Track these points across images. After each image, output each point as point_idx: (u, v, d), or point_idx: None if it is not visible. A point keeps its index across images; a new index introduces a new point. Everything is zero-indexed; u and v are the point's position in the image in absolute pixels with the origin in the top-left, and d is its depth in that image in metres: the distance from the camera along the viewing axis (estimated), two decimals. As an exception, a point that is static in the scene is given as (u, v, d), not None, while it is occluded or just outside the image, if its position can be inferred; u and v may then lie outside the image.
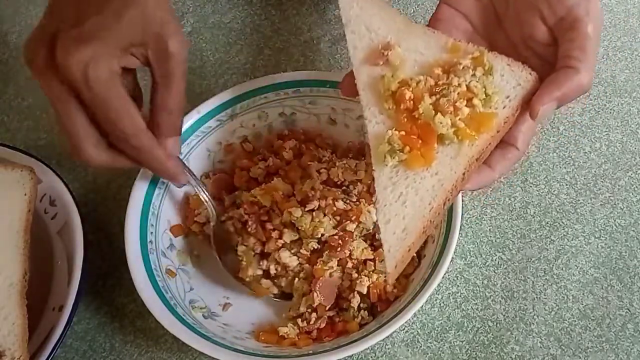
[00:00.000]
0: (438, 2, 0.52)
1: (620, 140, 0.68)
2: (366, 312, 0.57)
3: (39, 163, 0.62)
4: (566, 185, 0.66)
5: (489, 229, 0.63)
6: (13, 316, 0.52)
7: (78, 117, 0.49)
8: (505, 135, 0.46)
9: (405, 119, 0.46)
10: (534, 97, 0.45)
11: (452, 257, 0.54)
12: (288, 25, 0.80)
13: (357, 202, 0.61)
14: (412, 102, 0.46)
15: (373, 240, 0.60)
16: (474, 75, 0.46)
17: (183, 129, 0.62)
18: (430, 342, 0.57)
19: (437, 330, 0.58)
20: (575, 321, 0.58)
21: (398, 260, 0.44)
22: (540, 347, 0.57)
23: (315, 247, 0.59)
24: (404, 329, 0.58)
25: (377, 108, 0.48)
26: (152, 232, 0.59)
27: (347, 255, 0.58)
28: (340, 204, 0.60)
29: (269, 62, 0.77)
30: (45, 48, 0.47)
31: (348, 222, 0.59)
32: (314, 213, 0.59)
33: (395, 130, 0.46)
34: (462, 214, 0.56)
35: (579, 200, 0.65)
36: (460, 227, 0.55)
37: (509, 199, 0.65)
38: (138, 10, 0.47)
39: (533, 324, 0.58)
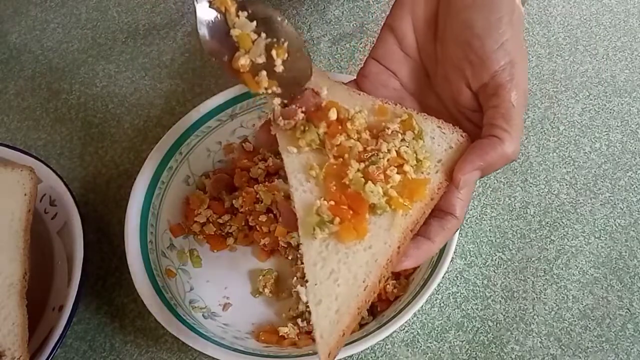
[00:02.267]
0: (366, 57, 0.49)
1: (620, 140, 0.68)
2: (366, 312, 0.57)
3: (39, 163, 0.62)
4: (566, 185, 0.66)
5: (489, 229, 0.63)
6: (13, 316, 0.51)
7: None
8: (442, 203, 0.43)
9: (334, 188, 0.42)
10: (455, 165, 0.42)
11: (452, 257, 0.54)
12: (288, 25, 0.80)
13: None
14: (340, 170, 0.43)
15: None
16: (403, 140, 0.43)
17: (183, 129, 0.63)
18: (430, 342, 0.57)
19: (437, 330, 0.58)
20: (575, 321, 0.58)
21: (332, 347, 0.39)
22: (540, 347, 0.57)
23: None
24: (404, 329, 0.58)
25: (304, 175, 0.44)
26: (152, 232, 0.59)
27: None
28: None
29: (269, 62, 0.77)
30: None
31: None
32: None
33: (324, 199, 0.42)
34: (462, 214, 0.56)
35: (579, 200, 0.65)
36: (460, 227, 0.55)
37: (509, 199, 0.65)
38: None
39: (533, 324, 0.58)
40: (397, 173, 0.42)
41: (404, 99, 0.48)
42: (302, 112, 0.44)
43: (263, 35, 0.46)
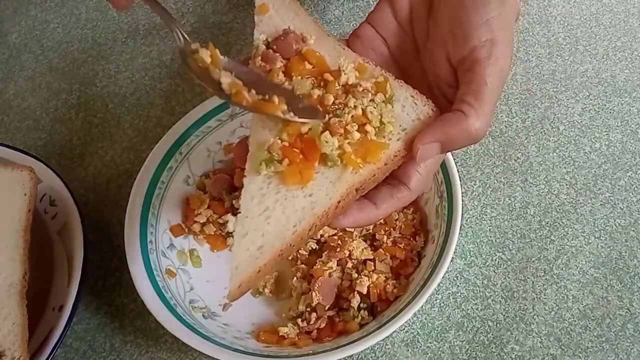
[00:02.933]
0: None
1: (620, 140, 0.68)
2: (366, 312, 0.57)
3: (39, 163, 0.62)
4: (566, 185, 0.66)
5: (489, 229, 0.63)
6: (13, 316, 0.51)
7: None
8: (399, 172, 0.43)
9: (291, 130, 0.42)
10: (416, 135, 0.42)
11: (452, 257, 0.54)
12: (288, 25, 0.80)
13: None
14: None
15: (373, 240, 0.60)
16: (372, 100, 0.43)
17: (183, 129, 0.63)
18: (430, 342, 0.57)
19: (437, 330, 0.58)
20: (575, 321, 0.58)
21: (244, 280, 0.39)
22: (540, 347, 0.57)
23: (314, 248, 0.60)
24: (404, 329, 0.58)
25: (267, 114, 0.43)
26: (152, 232, 0.59)
27: (347, 255, 0.58)
28: (340, 204, 0.60)
29: (269, 62, 0.77)
30: None
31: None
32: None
33: (279, 139, 0.42)
34: (462, 214, 0.56)
35: (579, 200, 0.65)
36: (460, 227, 0.55)
37: (509, 199, 0.65)
38: None
39: (533, 324, 0.58)
40: (358, 131, 0.42)
41: (389, 66, 0.47)
42: (281, 60, 0.45)
43: (253, 91, 0.44)
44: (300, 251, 0.58)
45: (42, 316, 0.57)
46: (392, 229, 0.60)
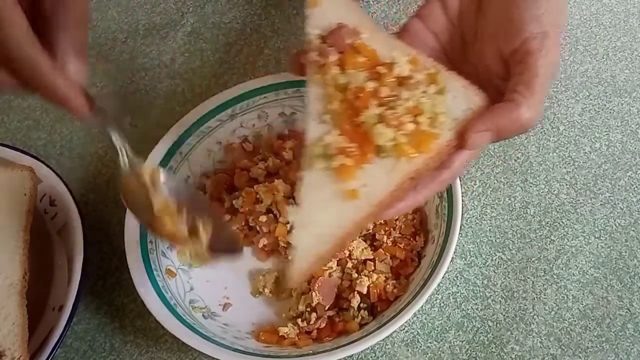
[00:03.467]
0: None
1: (620, 140, 0.68)
2: (366, 312, 0.57)
3: (39, 163, 0.62)
4: (566, 185, 0.66)
5: (489, 229, 0.63)
6: (13, 316, 0.52)
7: None
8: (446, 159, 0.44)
9: (348, 125, 0.44)
10: (467, 124, 0.43)
11: (452, 257, 0.54)
12: (288, 25, 0.80)
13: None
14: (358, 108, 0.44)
15: (373, 240, 0.60)
16: (425, 92, 0.44)
17: (183, 130, 0.63)
18: (430, 342, 0.57)
19: (437, 330, 0.58)
20: (575, 321, 0.58)
21: (304, 268, 0.42)
22: (540, 347, 0.57)
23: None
24: (404, 329, 0.58)
25: (322, 106, 0.45)
26: (152, 232, 0.59)
27: (347, 255, 0.58)
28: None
29: (269, 62, 0.77)
30: None
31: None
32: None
33: (336, 134, 0.44)
34: (462, 214, 0.56)
35: (579, 200, 0.65)
36: (460, 227, 0.55)
37: (509, 199, 0.65)
38: None
39: (533, 324, 0.58)
40: (411, 122, 0.43)
41: (439, 60, 0.48)
42: (335, 54, 0.46)
43: (184, 211, 0.49)
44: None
45: (42, 316, 0.57)
46: (392, 229, 0.60)
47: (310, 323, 0.56)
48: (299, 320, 0.56)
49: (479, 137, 0.42)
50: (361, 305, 0.57)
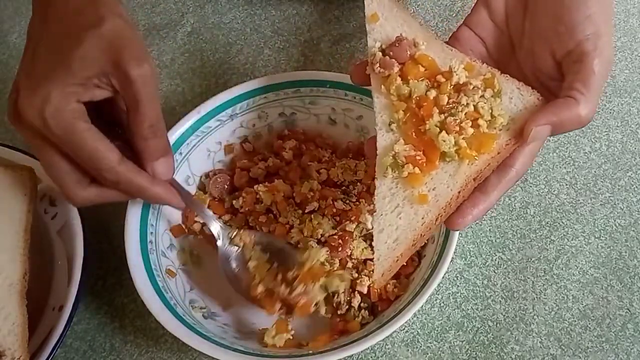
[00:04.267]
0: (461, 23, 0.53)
1: (620, 140, 0.68)
2: (367, 311, 0.57)
3: (39, 163, 0.62)
4: (566, 185, 0.66)
5: (489, 229, 0.63)
6: (13, 316, 0.52)
7: (55, 160, 0.48)
8: (507, 158, 0.46)
9: (414, 134, 0.47)
10: (528, 119, 0.45)
11: (452, 257, 0.53)
12: (288, 25, 0.80)
13: (357, 202, 0.61)
14: (422, 117, 0.47)
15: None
16: (482, 96, 0.47)
17: (183, 129, 0.63)
18: (430, 342, 0.57)
19: (437, 330, 0.58)
20: (575, 321, 0.58)
21: (386, 269, 0.46)
22: (540, 347, 0.57)
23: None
24: (404, 329, 0.58)
25: (388, 117, 0.48)
26: (152, 232, 0.59)
27: (348, 255, 0.58)
28: (339, 204, 0.60)
29: (269, 62, 0.77)
30: (13, 101, 0.48)
31: (348, 222, 0.59)
32: (312, 215, 0.59)
33: (403, 143, 0.47)
34: (462, 214, 0.56)
35: (579, 200, 0.65)
36: (460, 227, 0.55)
37: (509, 199, 0.65)
38: (93, 41, 0.46)
39: (533, 324, 0.58)
40: (471, 126, 0.46)
41: (488, 63, 0.50)
42: (397, 65, 0.48)
43: (275, 264, 0.57)
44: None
45: (42, 316, 0.57)
46: (392, 229, 0.60)
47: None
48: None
49: (539, 130, 0.44)
50: (362, 304, 0.57)
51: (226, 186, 0.65)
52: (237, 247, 0.59)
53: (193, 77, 0.76)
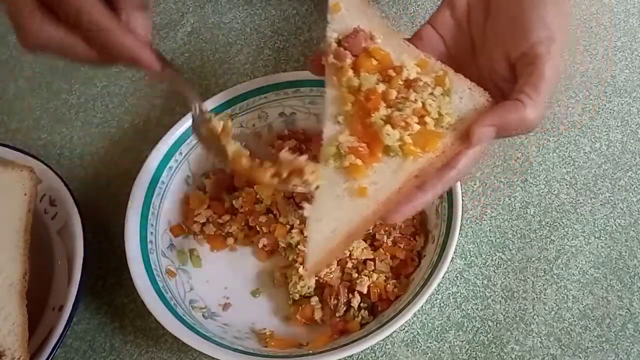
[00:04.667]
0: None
1: (620, 140, 0.68)
2: (366, 311, 0.57)
3: (39, 163, 0.62)
4: (566, 185, 0.66)
5: (489, 229, 0.63)
6: (13, 316, 0.52)
7: None
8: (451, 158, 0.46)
9: (360, 126, 0.46)
10: (474, 119, 0.45)
11: (452, 257, 0.54)
12: (288, 25, 0.80)
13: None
14: (369, 110, 0.46)
15: (373, 240, 0.60)
16: (432, 93, 0.46)
17: (183, 129, 0.63)
18: (430, 342, 0.57)
19: (437, 330, 0.58)
20: (575, 321, 0.58)
21: (319, 259, 0.45)
22: (540, 347, 0.57)
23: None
24: (404, 329, 0.58)
25: (337, 108, 0.48)
26: (152, 232, 0.59)
27: (347, 255, 0.58)
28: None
29: (269, 62, 0.77)
30: None
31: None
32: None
33: (348, 134, 0.46)
34: (462, 214, 0.56)
35: (579, 200, 0.65)
36: (460, 227, 0.55)
37: (509, 199, 0.65)
38: None
39: (533, 324, 0.58)
40: (418, 123, 0.45)
41: (446, 63, 0.50)
42: (350, 57, 0.48)
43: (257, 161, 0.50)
44: (299, 247, 0.59)
45: (42, 316, 0.57)
46: (392, 228, 0.60)
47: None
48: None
49: (484, 131, 0.44)
50: (361, 304, 0.57)
51: (226, 186, 0.65)
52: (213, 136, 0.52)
53: (193, 77, 0.76)
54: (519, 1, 0.46)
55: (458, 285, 0.60)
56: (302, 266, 0.59)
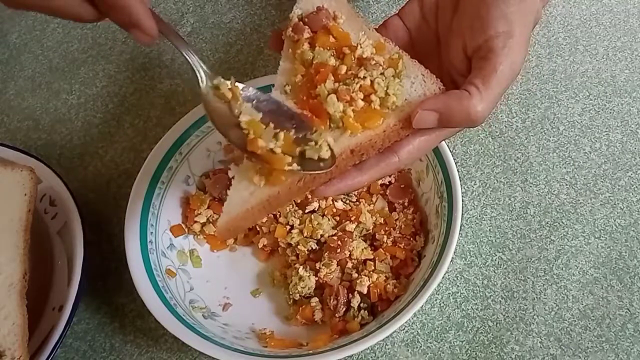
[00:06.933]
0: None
1: (620, 140, 0.68)
2: (366, 311, 0.57)
3: (39, 163, 0.62)
4: (566, 185, 0.66)
5: (489, 229, 0.63)
6: (13, 316, 0.51)
7: None
8: (395, 144, 0.45)
9: (304, 97, 0.46)
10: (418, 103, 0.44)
11: (452, 257, 0.54)
12: (288, 25, 0.80)
13: (357, 202, 0.61)
14: (316, 82, 0.46)
15: (373, 240, 0.60)
16: (382, 73, 0.46)
17: (183, 130, 0.63)
18: (430, 342, 0.57)
19: (437, 330, 0.58)
20: (575, 321, 0.58)
21: (232, 218, 0.44)
22: (540, 347, 0.57)
23: (314, 248, 0.60)
24: (404, 329, 0.58)
25: (287, 79, 0.48)
26: (152, 232, 0.59)
27: (347, 255, 0.58)
28: (339, 204, 0.60)
29: (269, 62, 0.77)
30: None
31: (348, 222, 0.59)
32: (312, 215, 0.59)
33: (293, 103, 0.46)
34: (462, 214, 0.56)
35: (579, 200, 0.65)
36: (460, 227, 0.55)
37: (509, 199, 0.65)
38: None
39: (533, 324, 0.58)
40: (363, 100, 0.45)
41: (409, 54, 0.49)
42: (308, 32, 0.48)
43: (271, 125, 0.46)
44: (299, 247, 0.59)
45: (42, 316, 0.57)
46: (392, 229, 0.60)
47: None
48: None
49: (425, 115, 0.43)
50: (361, 305, 0.57)
51: (226, 186, 0.65)
52: (222, 101, 0.49)
53: (193, 77, 0.76)
54: None
55: (458, 285, 0.60)
56: (301, 266, 0.59)
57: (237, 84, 0.49)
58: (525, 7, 0.45)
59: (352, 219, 0.59)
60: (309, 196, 0.53)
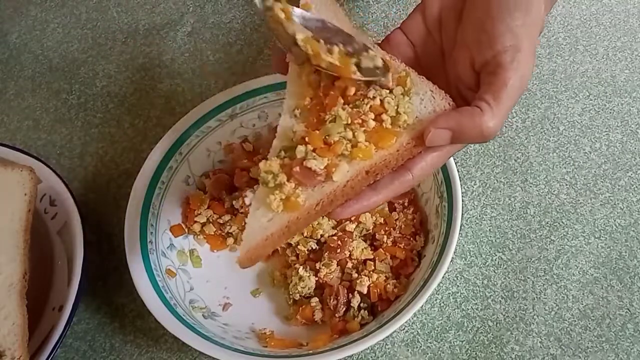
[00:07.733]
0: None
1: (620, 140, 0.68)
2: (366, 311, 0.57)
3: (39, 163, 0.62)
4: (566, 185, 0.66)
5: (489, 229, 0.63)
6: (13, 316, 0.51)
7: None
8: (407, 162, 0.45)
9: (315, 119, 0.46)
10: (430, 121, 0.44)
11: (452, 257, 0.54)
12: (288, 25, 0.80)
13: (357, 202, 0.61)
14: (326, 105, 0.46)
15: (373, 240, 0.60)
16: (391, 92, 0.45)
17: (183, 130, 0.63)
18: (430, 342, 0.57)
19: (437, 330, 0.58)
20: (575, 321, 0.58)
21: (252, 247, 0.43)
22: (540, 347, 0.57)
23: (314, 248, 0.60)
24: (404, 329, 0.58)
25: (296, 103, 0.47)
26: (152, 232, 0.59)
27: (347, 255, 0.58)
28: (340, 204, 0.60)
29: (269, 62, 0.77)
30: None
31: (347, 222, 0.59)
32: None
33: (304, 127, 0.45)
34: (462, 214, 0.56)
35: (579, 200, 0.65)
36: (460, 227, 0.55)
37: (509, 199, 0.65)
38: None
39: (533, 324, 0.58)
40: (374, 120, 0.44)
41: (413, 68, 0.49)
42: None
43: (322, 42, 0.46)
44: (299, 247, 0.59)
45: (42, 316, 0.57)
46: (392, 229, 0.60)
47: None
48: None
49: (438, 133, 0.43)
50: (361, 305, 0.57)
51: (226, 186, 0.65)
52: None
53: (193, 77, 0.76)
54: (488, 9, 0.45)
55: (458, 285, 0.60)
56: (301, 266, 0.59)
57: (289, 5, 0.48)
58: (530, 19, 0.44)
59: (352, 219, 0.59)
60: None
